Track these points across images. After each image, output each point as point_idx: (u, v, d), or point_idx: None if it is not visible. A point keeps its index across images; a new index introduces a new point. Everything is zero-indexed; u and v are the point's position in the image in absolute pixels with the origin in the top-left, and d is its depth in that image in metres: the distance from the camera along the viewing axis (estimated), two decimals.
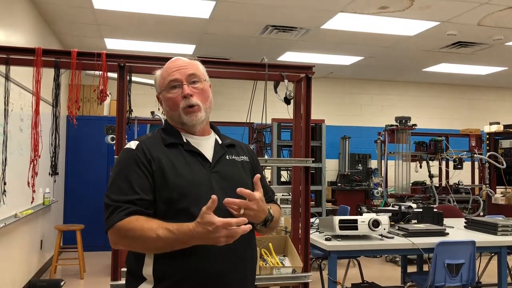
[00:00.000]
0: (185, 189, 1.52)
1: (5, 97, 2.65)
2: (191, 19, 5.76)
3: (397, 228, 3.74)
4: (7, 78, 2.60)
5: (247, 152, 1.77)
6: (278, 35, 6.35)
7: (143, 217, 1.46)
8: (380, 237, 3.46)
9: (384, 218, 3.38)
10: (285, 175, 6.63)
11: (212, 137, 1.72)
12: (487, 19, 5.54)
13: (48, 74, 2.80)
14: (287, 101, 2.92)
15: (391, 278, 5.57)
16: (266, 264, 2.67)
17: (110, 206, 1.49)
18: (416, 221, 4.08)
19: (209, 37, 6.58)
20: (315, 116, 4.30)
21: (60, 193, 6.96)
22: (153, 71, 1.73)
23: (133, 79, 2.85)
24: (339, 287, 4.57)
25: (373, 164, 8.73)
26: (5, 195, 2.79)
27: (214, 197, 1.36)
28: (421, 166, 6.82)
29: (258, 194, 1.49)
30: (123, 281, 2.55)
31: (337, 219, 3.33)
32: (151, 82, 5.36)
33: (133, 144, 1.60)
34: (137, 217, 1.46)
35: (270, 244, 2.84)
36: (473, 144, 7.59)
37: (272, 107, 3.46)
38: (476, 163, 7.75)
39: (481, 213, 6.66)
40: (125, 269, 1.59)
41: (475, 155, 7.17)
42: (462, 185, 7.28)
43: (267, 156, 6.31)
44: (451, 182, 7.26)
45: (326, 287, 4.13)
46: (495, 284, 3.86)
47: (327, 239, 3.34)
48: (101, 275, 5.80)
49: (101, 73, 2.67)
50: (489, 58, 7.50)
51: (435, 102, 9.89)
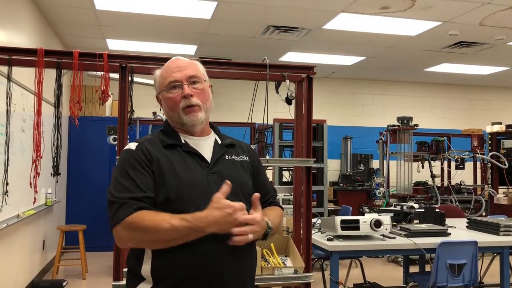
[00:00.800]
0: (183, 190, 1.52)
1: (7, 98, 2.66)
2: (192, 20, 5.77)
3: (399, 228, 3.73)
4: (9, 78, 2.60)
5: (247, 152, 1.76)
6: (279, 35, 6.35)
7: (152, 211, 1.47)
8: (382, 237, 3.46)
9: (386, 218, 3.37)
10: (287, 175, 6.63)
11: (212, 137, 1.71)
12: (489, 19, 5.53)
13: (50, 74, 2.80)
14: (288, 101, 2.92)
15: (393, 278, 5.56)
16: (268, 265, 2.67)
17: (116, 203, 1.48)
18: (418, 221, 4.08)
19: (210, 38, 6.59)
20: (316, 116, 4.32)
21: (62, 194, 6.97)
22: (154, 71, 1.73)
23: (135, 79, 2.85)
24: (341, 287, 4.56)
25: (375, 164, 8.73)
26: (8, 196, 2.80)
27: (228, 182, 1.44)
28: (423, 166, 6.81)
29: (258, 215, 1.48)
30: (125, 281, 2.55)
31: (338, 219, 3.33)
32: (152, 82, 5.39)
33: (132, 145, 1.60)
34: (147, 211, 1.46)
35: (272, 244, 2.84)
36: (475, 144, 7.58)
37: (273, 107, 3.46)
38: (478, 163, 7.73)
39: (483, 213, 6.65)
40: (126, 269, 1.59)
41: (477, 155, 7.16)
42: (464, 185, 7.27)
43: (268, 156, 6.31)
44: (453, 182, 7.24)
45: (328, 287, 4.13)
46: (498, 284, 3.85)
47: (329, 239, 3.34)
48: (103, 276, 5.81)
49: (102, 73, 2.67)
50: (491, 58, 7.49)
51: (437, 102, 9.88)
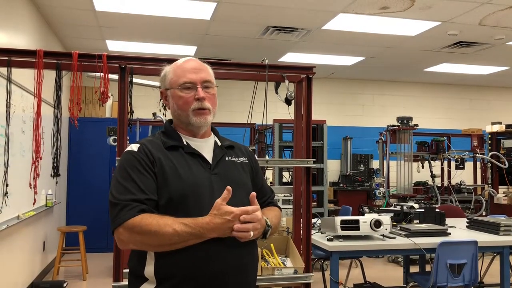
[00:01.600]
0: (186, 191, 1.53)
1: (7, 99, 2.66)
2: (192, 21, 5.77)
3: (399, 228, 3.74)
4: (8, 80, 2.61)
5: (245, 154, 1.79)
6: (279, 36, 6.35)
7: (155, 214, 1.48)
8: (382, 237, 3.46)
9: (386, 218, 3.37)
10: (286, 176, 6.63)
11: (212, 139, 1.73)
12: (488, 18, 5.53)
13: (50, 76, 2.80)
14: (288, 101, 2.93)
15: (393, 278, 5.56)
16: (267, 265, 2.67)
17: (118, 205, 1.48)
18: (418, 221, 4.08)
19: (210, 39, 6.59)
20: (316, 116, 4.33)
21: (63, 195, 6.97)
22: (154, 72, 1.75)
23: (134, 80, 2.85)
24: (341, 287, 4.56)
25: (375, 164, 8.73)
26: (8, 197, 2.80)
27: (229, 188, 1.44)
28: (423, 166, 6.81)
29: (258, 212, 1.50)
30: (125, 282, 2.55)
31: (338, 219, 3.33)
32: (152, 83, 5.38)
33: (134, 147, 1.61)
34: (150, 214, 1.47)
35: (272, 244, 2.84)
36: (475, 144, 7.58)
37: (273, 107, 3.46)
38: (478, 163, 7.74)
39: (483, 213, 6.65)
40: (127, 270, 1.59)
41: (477, 155, 7.16)
42: (464, 185, 7.27)
43: (268, 157, 6.31)
44: (453, 182, 7.24)
45: (328, 287, 4.13)
46: (498, 284, 3.85)
47: (329, 240, 3.34)
48: (103, 277, 5.82)
49: (102, 74, 2.67)
50: (490, 58, 7.49)
51: (437, 102, 9.89)
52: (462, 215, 5.33)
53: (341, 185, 8.68)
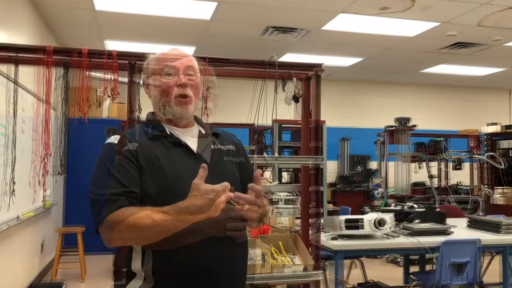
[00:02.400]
0: (170, 182, 1.48)
1: (14, 97, 2.64)
2: (192, 21, 5.77)
3: (401, 227, 3.75)
4: (15, 78, 2.58)
5: (231, 141, 1.73)
6: (278, 36, 6.36)
7: (134, 207, 1.41)
8: (386, 236, 3.47)
9: (389, 218, 3.39)
10: (285, 176, 6.63)
11: (196, 128, 1.68)
12: (487, 19, 5.57)
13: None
14: (296, 99, 2.93)
15: (393, 278, 5.56)
16: (277, 262, 2.67)
17: (98, 201, 1.44)
18: (419, 220, 4.10)
19: (210, 39, 6.58)
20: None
21: (60, 195, 6.92)
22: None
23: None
24: (345, 285, 4.57)
25: (373, 165, 8.75)
26: (14, 195, 2.77)
27: (204, 165, 1.33)
28: (420, 167, 6.85)
29: (251, 197, 1.45)
30: (124, 282, 2.53)
31: (342, 218, 3.34)
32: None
33: (114, 139, 1.55)
34: (127, 208, 1.41)
35: (280, 242, 2.84)
36: (472, 145, 7.63)
37: (272, 108, 3.44)
38: (475, 164, 7.79)
39: (480, 213, 6.69)
40: (125, 269, 1.57)
41: (474, 155, 7.21)
42: (462, 185, 7.31)
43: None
44: (450, 182, 7.28)
45: (330, 287, 4.14)
46: (497, 283, 3.88)
47: (333, 239, 3.34)
48: (102, 278, 5.77)
49: (102, 75, 2.65)
50: (487, 59, 7.55)
51: (434, 103, 9.95)
52: (461, 215, 5.36)
53: (339, 186, 8.70)
